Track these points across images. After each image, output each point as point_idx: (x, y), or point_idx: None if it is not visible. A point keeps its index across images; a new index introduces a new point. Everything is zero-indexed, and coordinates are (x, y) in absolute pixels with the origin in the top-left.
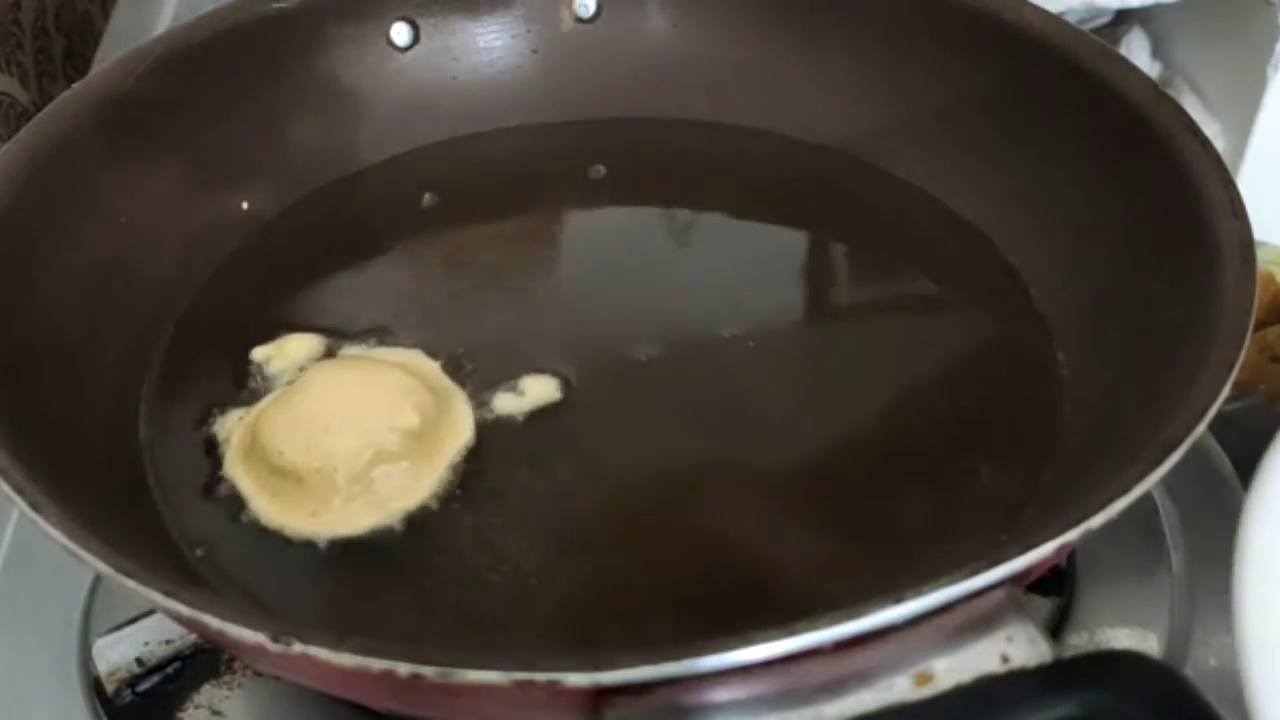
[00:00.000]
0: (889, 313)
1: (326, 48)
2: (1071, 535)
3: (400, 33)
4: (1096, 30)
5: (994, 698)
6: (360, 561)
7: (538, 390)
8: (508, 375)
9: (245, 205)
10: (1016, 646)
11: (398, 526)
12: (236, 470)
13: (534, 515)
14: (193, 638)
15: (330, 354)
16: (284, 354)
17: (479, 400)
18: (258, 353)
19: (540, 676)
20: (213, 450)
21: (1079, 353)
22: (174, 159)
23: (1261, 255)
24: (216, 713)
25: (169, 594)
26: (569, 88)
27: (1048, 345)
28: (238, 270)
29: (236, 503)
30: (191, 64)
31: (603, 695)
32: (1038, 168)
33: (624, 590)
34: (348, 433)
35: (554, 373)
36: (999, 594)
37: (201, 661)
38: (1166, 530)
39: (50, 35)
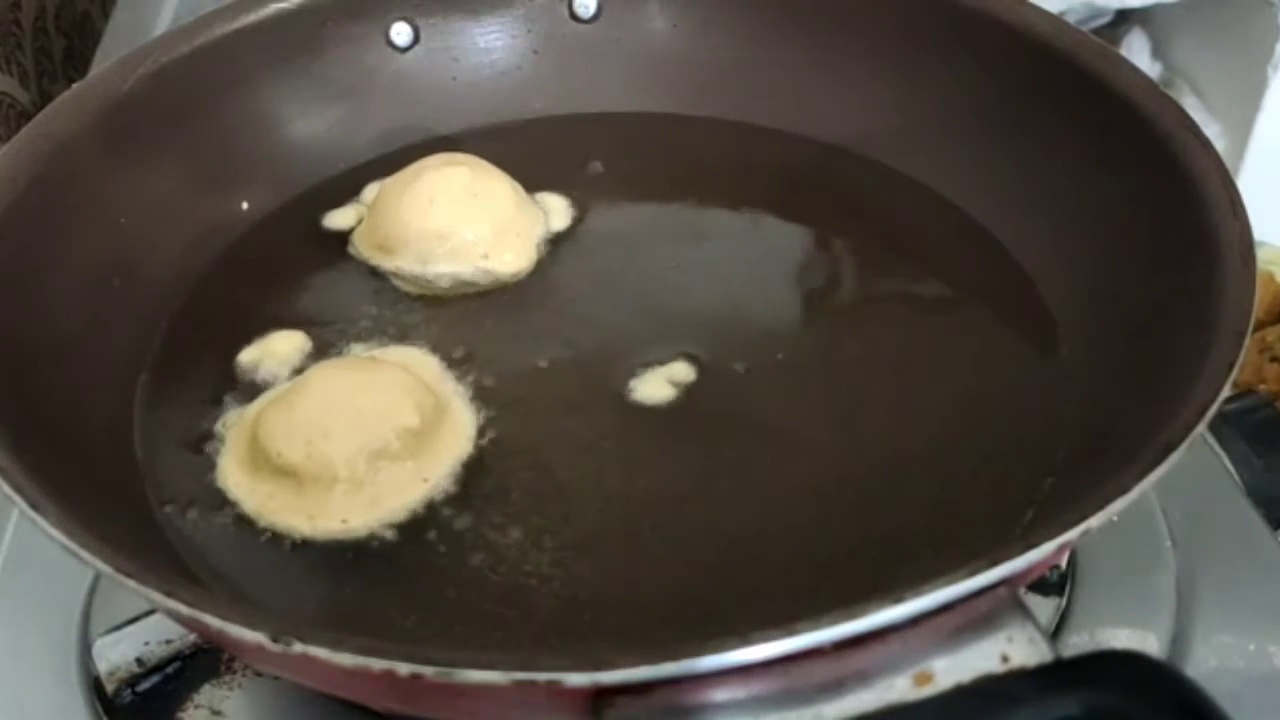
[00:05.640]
0: (893, 311)
1: (326, 48)
2: (1071, 535)
3: (400, 33)
4: (1097, 30)
5: (994, 698)
6: (360, 561)
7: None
8: (507, 374)
9: (245, 205)
10: (1016, 646)
11: (397, 527)
12: (235, 471)
13: (534, 515)
14: (193, 638)
15: (318, 350)
16: (272, 353)
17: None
18: (245, 355)
19: (540, 676)
20: (211, 450)
21: (1080, 352)
22: (173, 159)
23: (1261, 255)
24: (216, 713)
25: (169, 594)
26: (570, 88)
27: (1050, 344)
28: (236, 269)
29: (234, 503)
30: (191, 64)
31: (603, 695)
32: (1041, 167)
33: (624, 590)
34: (347, 434)
35: (552, 372)
36: (999, 594)
37: (201, 661)
38: (1166, 530)
39: (50, 35)
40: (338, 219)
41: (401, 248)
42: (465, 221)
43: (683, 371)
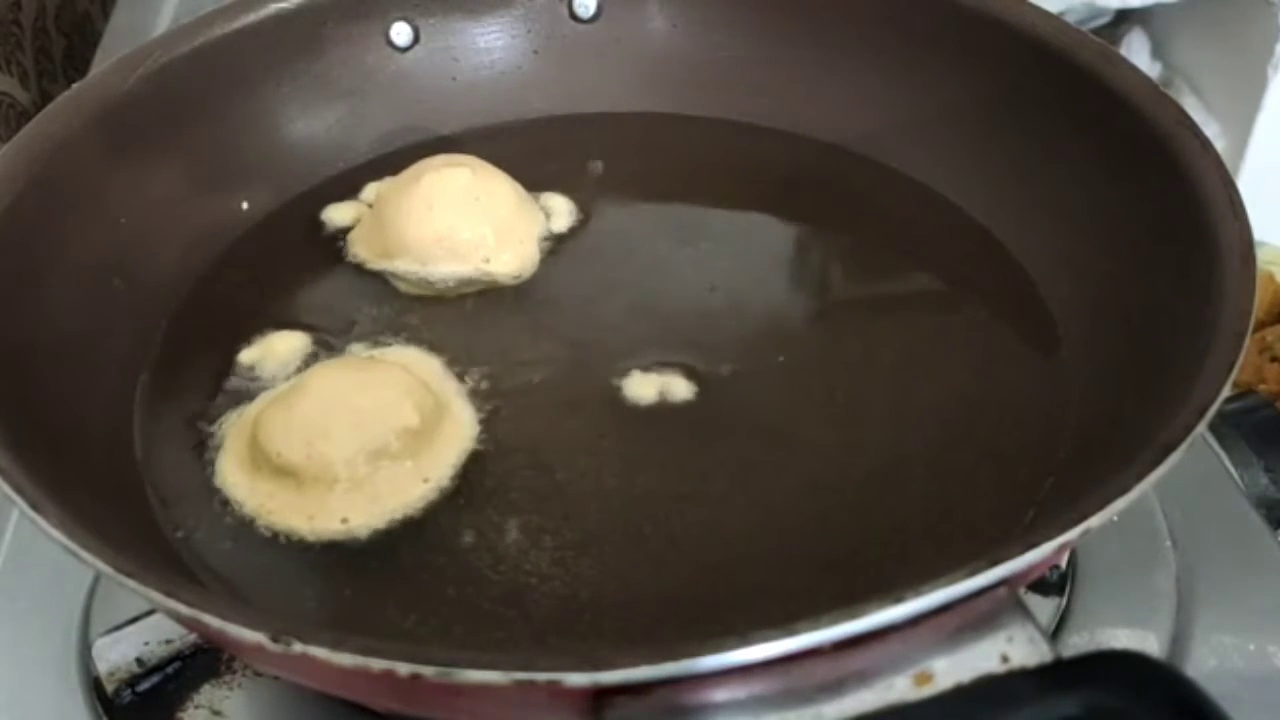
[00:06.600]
0: (893, 311)
1: (326, 48)
2: (1071, 535)
3: (400, 33)
4: (1096, 30)
5: (994, 698)
6: (360, 561)
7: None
8: (506, 374)
9: (245, 205)
10: (1016, 646)
11: (397, 526)
12: (234, 471)
13: (534, 515)
14: (193, 638)
15: (318, 351)
16: (272, 353)
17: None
18: (245, 355)
19: (540, 676)
20: (210, 450)
21: (1080, 352)
22: (173, 159)
23: (1261, 255)
24: (216, 713)
25: (169, 594)
26: (570, 88)
27: (1050, 344)
28: (236, 269)
29: (234, 503)
30: (191, 64)
31: (603, 695)
32: (1041, 168)
33: (624, 590)
34: (347, 434)
35: (552, 372)
36: (999, 594)
37: (201, 661)
38: (1166, 530)
39: (50, 35)
40: (338, 218)
41: (402, 250)
42: (466, 223)
43: (682, 371)
